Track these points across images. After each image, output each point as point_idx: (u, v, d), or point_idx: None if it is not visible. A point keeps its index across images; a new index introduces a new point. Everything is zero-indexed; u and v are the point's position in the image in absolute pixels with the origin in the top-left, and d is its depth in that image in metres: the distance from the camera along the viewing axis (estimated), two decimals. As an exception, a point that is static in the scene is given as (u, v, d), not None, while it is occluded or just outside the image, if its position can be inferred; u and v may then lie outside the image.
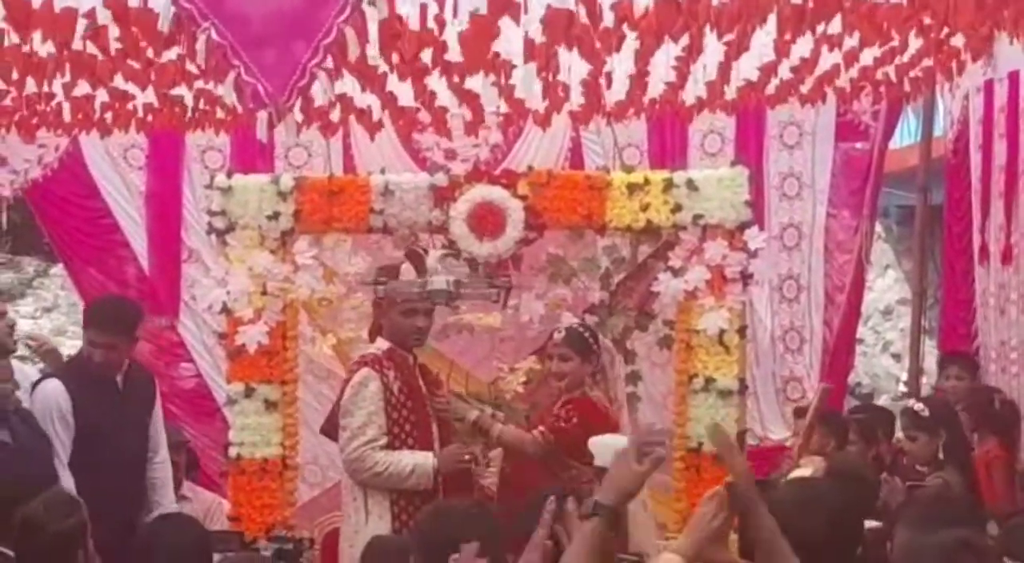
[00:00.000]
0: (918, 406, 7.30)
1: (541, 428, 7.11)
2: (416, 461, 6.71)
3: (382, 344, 6.98)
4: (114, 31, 5.58)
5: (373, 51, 5.71)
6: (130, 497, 6.92)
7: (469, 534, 4.38)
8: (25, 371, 7.06)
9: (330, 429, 7.21)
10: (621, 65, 7.15)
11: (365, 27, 4.52)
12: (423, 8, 5.43)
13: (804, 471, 6.43)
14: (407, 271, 7.07)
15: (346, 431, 6.78)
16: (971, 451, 7.38)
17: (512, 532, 4.48)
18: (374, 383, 6.76)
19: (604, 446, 6.13)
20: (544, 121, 8.49)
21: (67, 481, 6.48)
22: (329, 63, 4.41)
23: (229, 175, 8.08)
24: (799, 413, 8.04)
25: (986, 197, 8.58)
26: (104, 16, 5.44)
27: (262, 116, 4.43)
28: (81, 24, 5.42)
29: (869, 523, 5.26)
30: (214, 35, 4.34)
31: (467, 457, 6.88)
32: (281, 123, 4.59)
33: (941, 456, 7.07)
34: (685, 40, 6.42)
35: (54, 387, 6.83)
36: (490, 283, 7.46)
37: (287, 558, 6.57)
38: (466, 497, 6.61)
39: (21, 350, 7.89)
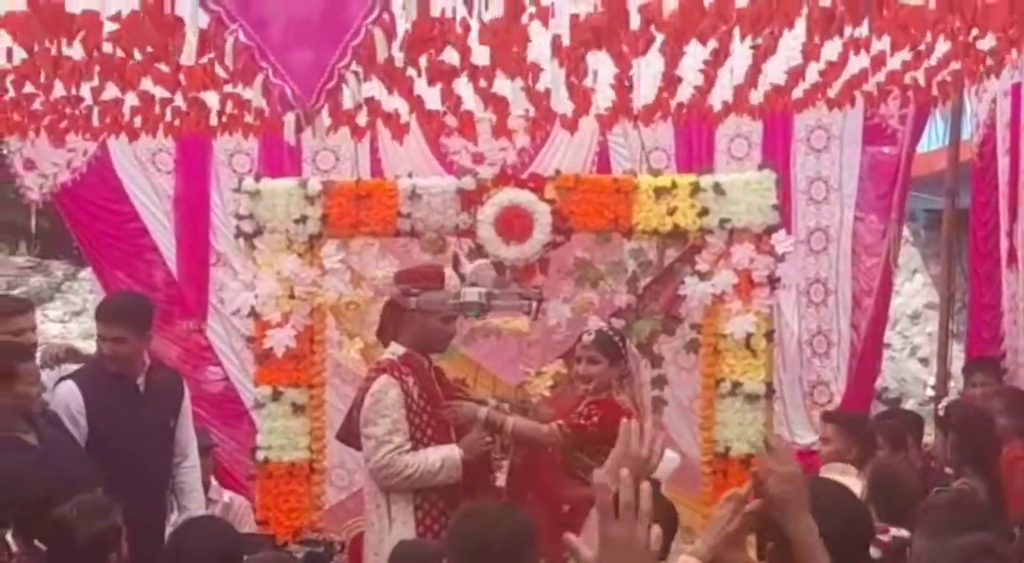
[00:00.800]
0: (941, 405, 7.30)
1: (560, 421, 7.06)
2: (443, 455, 6.66)
3: (397, 349, 6.83)
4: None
5: (400, 54, 5.71)
6: (151, 501, 6.85)
7: (502, 534, 4.39)
8: (50, 373, 7.05)
9: (346, 436, 7.12)
10: (649, 69, 7.15)
11: (394, 28, 4.52)
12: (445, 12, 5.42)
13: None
14: (451, 276, 7.01)
15: (371, 440, 6.68)
16: (996, 456, 7.31)
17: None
18: (394, 390, 6.67)
19: None
20: (571, 125, 8.49)
21: None
22: (357, 65, 4.41)
23: (257, 179, 8.12)
24: (827, 417, 8.01)
25: (1013, 201, 8.55)
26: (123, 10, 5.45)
27: (290, 118, 4.43)
28: (108, 26, 5.42)
29: (898, 531, 5.25)
30: (242, 37, 4.34)
31: (488, 439, 6.85)
32: (309, 127, 4.58)
33: (949, 458, 7.05)
34: (713, 44, 6.41)
35: (67, 389, 6.79)
36: (521, 294, 7.42)
37: (318, 561, 6.59)
38: (485, 494, 6.62)
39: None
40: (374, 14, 4.29)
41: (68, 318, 15.68)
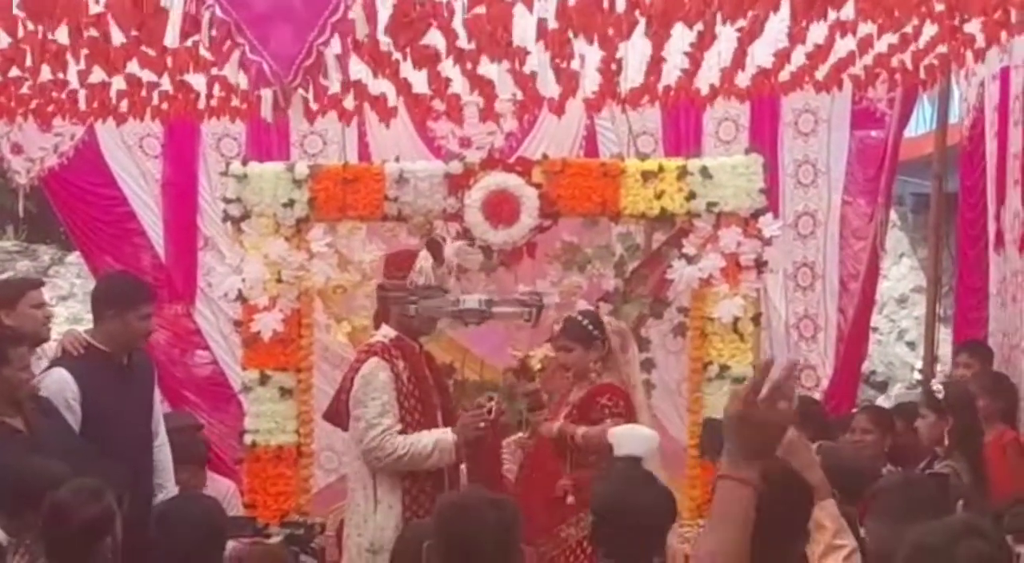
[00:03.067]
0: (937, 385, 7.27)
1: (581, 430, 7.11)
2: (436, 437, 6.66)
3: (388, 332, 6.85)
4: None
5: (387, 37, 5.71)
6: (140, 478, 6.84)
7: (486, 528, 4.38)
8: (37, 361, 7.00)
9: (333, 415, 7.12)
10: (635, 52, 7.15)
11: (374, 6, 4.50)
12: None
13: None
14: (425, 258, 7.00)
15: (361, 422, 6.68)
16: (981, 439, 7.29)
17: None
18: (384, 373, 6.67)
19: (628, 436, 6.16)
20: (559, 109, 8.50)
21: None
22: (337, 44, 4.39)
23: (244, 163, 8.11)
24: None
25: (1001, 184, 8.56)
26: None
27: (267, 94, 4.41)
28: (93, 8, 5.41)
29: None
30: (218, 12, 4.32)
31: (482, 424, 6.83)
32: (286, 105, 4.56)
33: (946, 441, 7.03)
34: (699, 27, 6.42)
35: (59, 376, 6.71)
36: (522, 301, 7.41)
37: (298, 543, 6.59)
38: (490, 483, 6.61)
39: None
40: (352, -10, 4.27)
41: (55, 302, 15.59)
